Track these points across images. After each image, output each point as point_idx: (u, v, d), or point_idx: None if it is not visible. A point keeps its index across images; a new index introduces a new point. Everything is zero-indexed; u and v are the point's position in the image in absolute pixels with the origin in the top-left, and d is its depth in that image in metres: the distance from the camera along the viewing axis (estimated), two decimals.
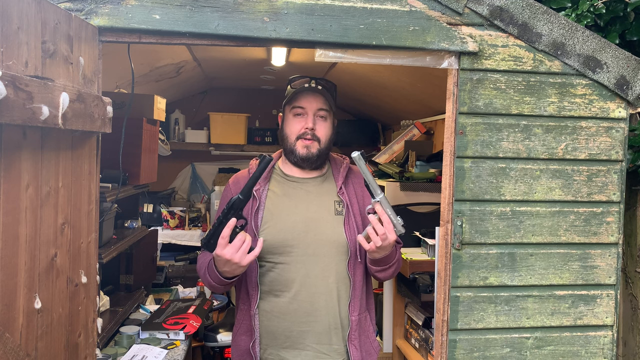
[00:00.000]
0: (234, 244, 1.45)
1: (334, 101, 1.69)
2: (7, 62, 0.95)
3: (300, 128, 1.65)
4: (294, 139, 1.65)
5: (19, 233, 1.02)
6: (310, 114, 1.64)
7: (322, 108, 1.65)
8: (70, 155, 1.24)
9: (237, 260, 1.45)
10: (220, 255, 1.46)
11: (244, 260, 1.46)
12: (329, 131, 1.69)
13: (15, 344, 1.00)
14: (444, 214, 1.62)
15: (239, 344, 1.69)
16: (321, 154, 1.67)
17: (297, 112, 1.66)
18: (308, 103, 1.64)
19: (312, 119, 1.64)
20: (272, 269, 1.63)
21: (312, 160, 1.66)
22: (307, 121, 1.64)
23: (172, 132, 4.55)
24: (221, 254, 1.45)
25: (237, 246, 1.45)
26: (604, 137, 1.65)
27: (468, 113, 1.58)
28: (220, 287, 1.59)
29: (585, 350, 1.68)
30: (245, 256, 1.46)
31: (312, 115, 1.64)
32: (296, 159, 1.66)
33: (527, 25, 1.57)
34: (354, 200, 1.70)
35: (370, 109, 4.42)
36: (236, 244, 1.45)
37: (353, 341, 1.65)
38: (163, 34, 1.43)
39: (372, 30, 1.50)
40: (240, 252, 1.45)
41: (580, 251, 1.66)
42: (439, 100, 2.81)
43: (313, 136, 1.64)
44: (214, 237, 1.46)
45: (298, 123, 1.65)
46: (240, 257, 1.45)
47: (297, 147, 1.65)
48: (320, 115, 1.66)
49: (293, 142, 1.65)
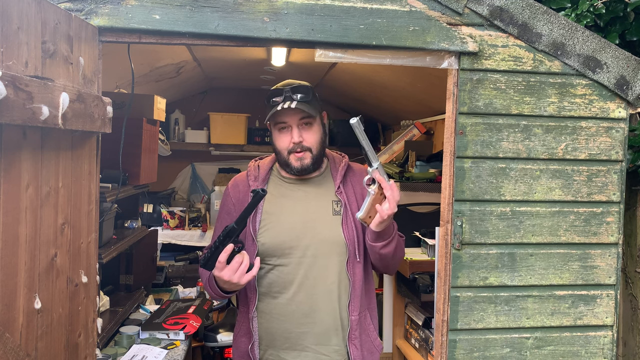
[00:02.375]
0: (232, 266, 1.48)
1: (316, 101, 1.65)
2: (7, 62, 0.95)
3: (288, 143, 1.63)
4: (286, 153, 1.64)
5: (19, 233, 1.02)
6: (295, 127, 1.62)
7: (303, 117, 1.62)
8: (70, 155, 1.24)
9: (235, 281, 1.49)
10: (219, 277, 1.50)
11: (242, 280, 1.49)
12: (317, 135, 1.66)
13: (15, 344, 1.00)
14: (444, 214, 1.62)
15: (239, 345, 1.70)
16: (316, 161, 1.66)
17: (280, 126, 1.64)
18: (288, 117, 1.61)
19: (297, 131, 1.62)
20: (270, 271, 1.63)
21: (308, 170, 1.66)
22: (292, 135, 1.62)
23: (172, 132, 4.55)
24: (219, 275, 1.49)
25: (235, 268, 1.48)
26: (604, 137, 1.65)
27: (468, 113, 1.58)
28: (221, 298, 1.64)
29: (585, 351, 1.67)
30: (243, 276, 1.49)
31: (296, 128, 1.62)
32: (292, 171, 1.66)
33: (527, 26, 1.57)
34: (352, 199, 1.69)
35: (370, 109, 4.42)
36: (234, 265, 1.48)
37: (353, 341, 1.65)
38: (163, 34, 1.43)
39: (372, 30, 1.50)
40: (238, 273, 1.48)
41: (580, 251, 1.66)
42: (439, 101, 2.81)
43: (302, 148, 1.63)
44: (211, 259, 1.50)
45: (285, 137, 1.64)
46: (239, 277, 1.49)
47: (290, 161, 1.64)
48: (305, 122, 1.63)
49: (286, 157, 1.65)
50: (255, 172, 1.72)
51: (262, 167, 1.73)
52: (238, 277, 1.48)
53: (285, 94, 1.60)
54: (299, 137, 1.62)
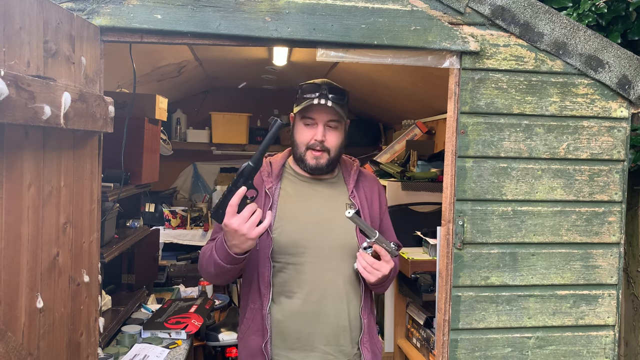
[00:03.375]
0: (243, 214, 1.40)
1: (346, 108, 1.66)
2: (9, 61, 0.96)
3: (310, 138, 1.62)
4: (304, 148, 1.64)
5: (21, 232, 1.02)
6: (321, 125, 1.62)
7: (333, 119, 1.62)
8: (72, 154, 1.24)
9: (244, 232, 1.40)
10: (228, 225, 1.40)
11: (252, 232, 1.41)
12: (339, 140, 1.66)
13: (17, 343, 1.01)
14: (445, 214, 1.62)
15: (249, 343, 1.64)
16: (331, 163, 1.66)
17: (307, 122, 1.63)
18: (318, 115, 1.61)
19: (322, 130, 1.61)
20: (283, 270, 1.61)
21: (322, 171, 1.66)
22: (316, 132, 1.61)
23: (173, 132, 4.55)
24: (229, 223, 1.40)
25: (246, 217, 1.40)
26: (606, 136, 1.64)
27: (470, 113, 1.58)
28: (226, 268, 1.50)
29: (587, 350, 1.67)
30: (254, 228, 1.41)
31: (322, 127, 1.61)
32: (306, 168, 1.65)
33: (528, 25, 1.57)
34: (364, 204, 1.69)
35: (371, 108, 4.42)
36: (245, 214, 1.40)
37: (365, 344, 1.64)
38: (165, 33, 1.43)
39: (373, 29, 1.50)
40: (249, 224, 1.40)
41: (582, 251, 1.65)
42: (440, 100, 2.81)
43: (322, 147, 1.62)
44: (222, 206, 1.40)
45: (308, 132, 1.63)
46: (249, 228, 1.40)
47: (306, 157, 1.63)
48: (330, 125, 1.63)
49: (303, 152, 1.64)
50: (268, 168, 1.70)
51: (275, 164, 1.71)
52: (248, 227, 1.39)
53: (322, 91, 1.59)
54: (322, 136, 1.61)
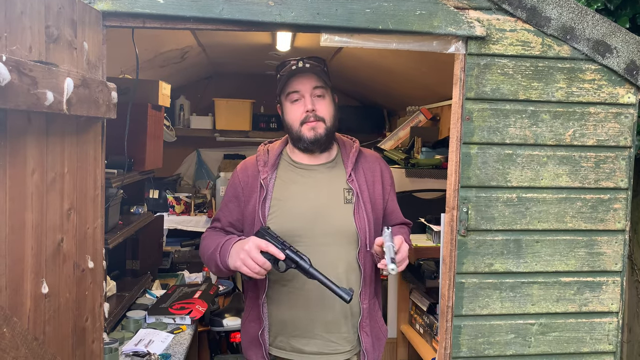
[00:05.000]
0: (261, 259, 1.47)
1: (327, 76, 1.65)
2: (11, 47, 0.95)
3: (301, 113, 1.61)
4: (298, 125, 1.62)
5: (25, 219, 1.03)
6: (307, 96, 1.61)
7: (317, 86, 1.61)
8: (75, 141, 1.24)
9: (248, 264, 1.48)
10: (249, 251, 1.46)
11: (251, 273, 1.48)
12: (331, 108, 1.65)
13: (23, 328, 1.01)
14: (449, 201, 1.61)
15: (249, 330, 1.69)
16: (329, 133, 1.64)
17: (293, 97, 1.63)
18: (301, 85, 1.61)
19: (310, 100, 1.61)
20: None
21: (322, 141, 1.63)
22: (305, 103, 1.61)
23: (177, 118, 4.55)
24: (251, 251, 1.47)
25: (260, 261, 1.47)
26: (613, 123, 1.63)
27: (475, 99, 1.57)
28: (224, 272, 1.62)
29: (590, 337, 1.68)
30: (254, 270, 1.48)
31: (309, 97, 1.61)
32: (305, 144, 1.63)
33: (535, 9, 1.55)
34: (363, 187, 1.67)
35: (375, 94, 4.40)
36: (260, 260, 1.47)
37: (364, 328, 1.65)
38: (167, 18, 1.42)
39: (378, 14, 1.48)
40: (254, 264, 1.47)
41: (587, 238, 1.65)
42: (445, 86, 2.79)
43: (316, 117, 1.61)
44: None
45: (297, 108, 1.62)
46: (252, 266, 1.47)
47: (303, 132, 1.62)
48: (317, 94, 1.62)
49: (298, 129, 1.62)
50: (264, 156, 1.69)
51: (272, 152, 1.70)
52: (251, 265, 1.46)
53: (298, 61, 1.61)
54: (312, 104, 1.60)
